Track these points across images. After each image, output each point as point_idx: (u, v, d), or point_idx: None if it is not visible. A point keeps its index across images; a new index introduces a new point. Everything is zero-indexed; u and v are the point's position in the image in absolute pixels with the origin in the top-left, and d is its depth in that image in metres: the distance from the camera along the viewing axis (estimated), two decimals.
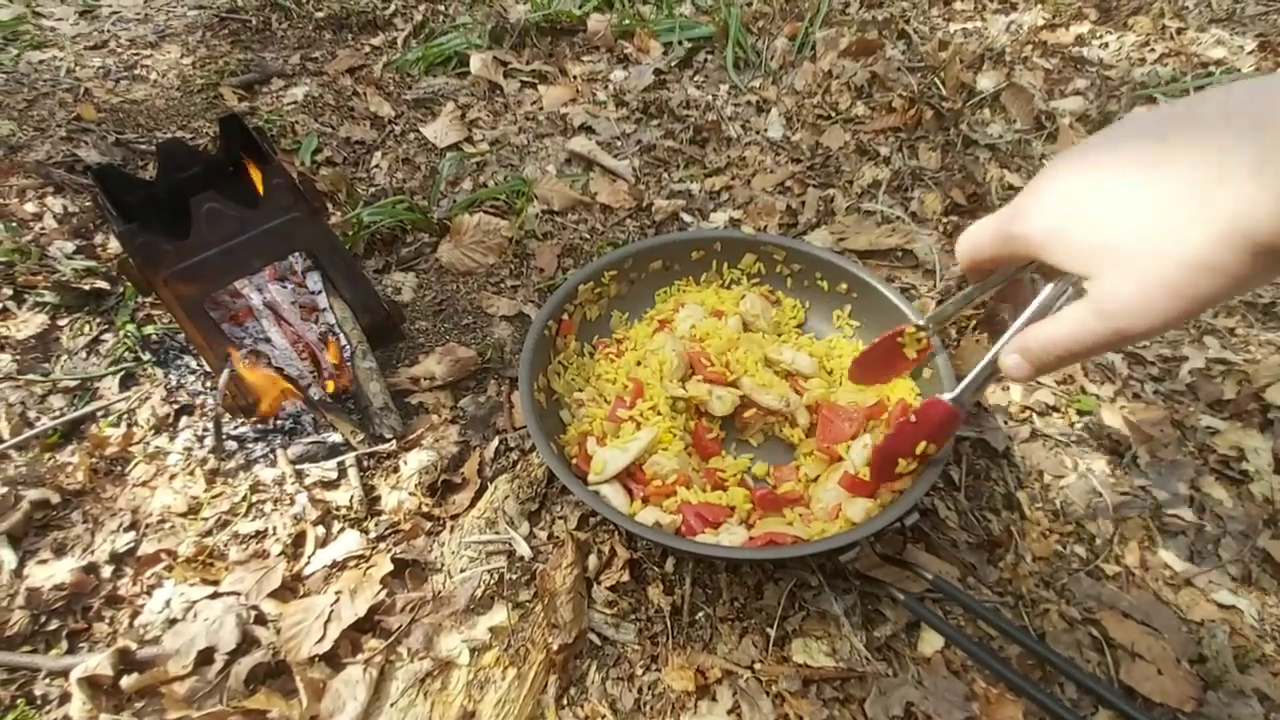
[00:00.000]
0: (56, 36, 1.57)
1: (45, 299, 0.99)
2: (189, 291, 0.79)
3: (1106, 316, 0.43)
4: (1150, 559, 0.75)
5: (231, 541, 0.77)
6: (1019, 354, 0.51)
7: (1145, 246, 0.41)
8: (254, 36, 1.60)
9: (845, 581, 0.73)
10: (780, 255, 0.92)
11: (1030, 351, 0.50)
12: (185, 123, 1.35)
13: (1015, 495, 0.80)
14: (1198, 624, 0.70)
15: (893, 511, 0.65)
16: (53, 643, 0.69)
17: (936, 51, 1.44)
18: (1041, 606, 0.71)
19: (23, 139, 1.25)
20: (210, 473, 0.83)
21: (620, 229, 1.15)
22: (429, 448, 0.84)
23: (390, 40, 1.58)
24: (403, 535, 0.77)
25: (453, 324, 1.01)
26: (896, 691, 0.65)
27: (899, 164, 1.22)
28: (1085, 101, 1.35)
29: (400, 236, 1.12)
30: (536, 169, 1.25)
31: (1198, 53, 1.45)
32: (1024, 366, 0.51)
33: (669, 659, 0.67)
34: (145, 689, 0.65)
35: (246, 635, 0.69)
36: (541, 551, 0.75)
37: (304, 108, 1.38)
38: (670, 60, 1.48)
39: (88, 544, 0.77)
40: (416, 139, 1.32)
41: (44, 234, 1.07)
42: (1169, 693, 0.64)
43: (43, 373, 0.92)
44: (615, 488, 0.73)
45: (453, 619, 0.70)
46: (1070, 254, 0.45)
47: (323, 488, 0.81)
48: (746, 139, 1.31)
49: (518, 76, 1.46)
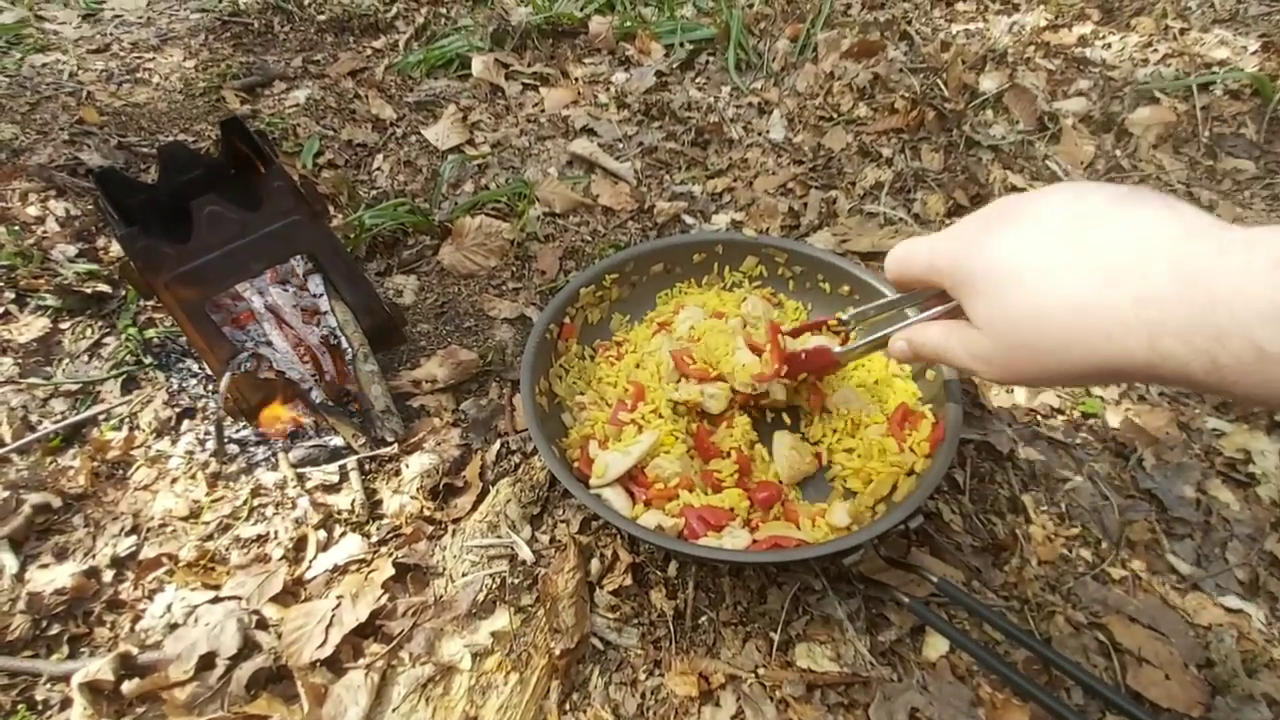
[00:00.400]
0: (59, 40, 1.57)
1: (47, 302, 0.99)
2: (190, 295, 0.79)
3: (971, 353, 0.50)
4: (1157, 563, 0.75)
5: (233, 545, 0.77)
6: (905, 342, 0.59)
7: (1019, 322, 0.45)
8: (256, 40, 1.60)
9: (849, 585, 0.72)
10: (782, 257, 0.91)
11: (917, 345, 0.58)
12: (187, 126, 1.35)
13: (1020, 498, 0.80)
14: (1205, 628, 0.69)
15: (896, 514, 0.65)
16: (54, 647, 0.69)
17: (939, 53, 1.44)
18: (1047, 610, 0.71)
19: (25, 142, 1.25)
20: (212, 476, 0.82)
21: (622, 231, 1.14)
22: (430, 451, 0.83)
23: (392, 43, 1.58)
24: (404, 539, 0.77)
25: (454, 326, 1.00)
26: (901, 696, 0.64)
27: (901, 165, 1.22)
28: (1088, 102, 1.35)
29: (402, 239, 1.12)
30: (538, 171, 1.24)
31: (1201, 53, 1.45)
32: (905, 352, 0.60)
33: (672, 664, 0.67)
34: (146, 694, 0.65)
35: (248, 640, 0.68)
36: (544, 555, 0.75)
37: (306, 110, 1.38)
38: (672, 62, 1.48)
39: (89, 548, 0.76)
40: (418, 141, 1.32)
41: (46, 237, 1.07)
42: (1176, 698, 0.64)
43: (44, 376, 0.92)
44: (617, 491, 0.72)
45: (455, 623, 0.70)
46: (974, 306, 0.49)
47: (324, 491, 0.81)
48: (748, 141, 1.31)
49: (519, 79, 1.46)
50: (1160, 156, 1.25)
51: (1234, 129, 1.29)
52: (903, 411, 0.77)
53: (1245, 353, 0.34)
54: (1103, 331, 0.40)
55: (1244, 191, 1.20)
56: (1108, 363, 0.40)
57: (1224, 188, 1.20)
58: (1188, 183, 1.21)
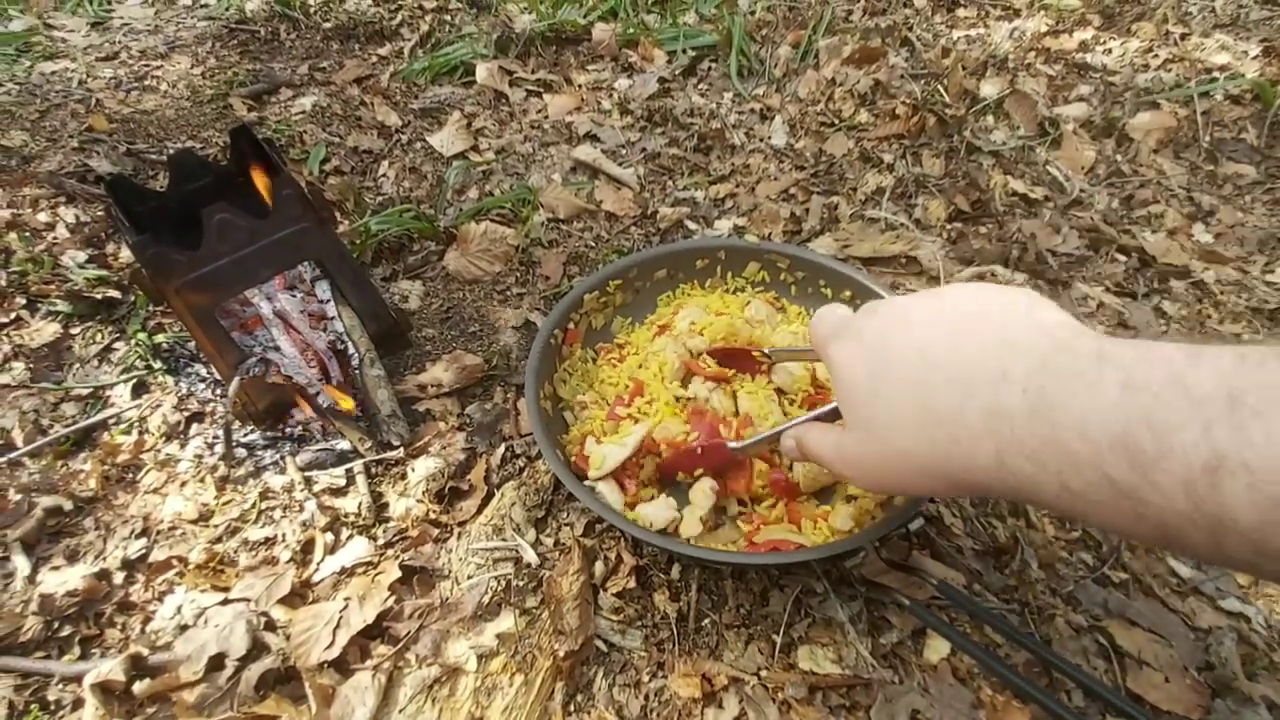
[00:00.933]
0: (68, 48, 1.59)
1: (58, 308, 1.00)
2: (200, 301, 0.80)
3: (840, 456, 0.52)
4: (1156, 566, 0.75)
5: (241, 548, 0.78)
6: (795, 440, 0.60)
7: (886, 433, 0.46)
8: (262, 47, 1.62)
9: (851, 588, 0.73)
10: (784, 263, 0.92)
11: (801, 444, 0.59)
12: (195, 133, 1.36)
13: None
14: (1205, 631, 0.70)
15: (897, 517, 0.66)
16: (65, 649, 0.70)
17: (939, 59, 1.45)
18: (1048, 613, 0.71)
19: (35, 149, 1.26)
20: (220, 480, 0.83)
21: (625, 236, 1.15)
22: (436, 455, 0.84)
23: (397, 50, 1.60)
24: (410, 542, 0.78)
25: (459, 331, 1.01)
26: (903, 699, 0.65)
27: (903, 171, 1.23)
28: (1089, 108, 1.35)
29: (407, 245, 1.13)
30: (542, 177, 1.26)
31: (1201, 58, 1.45)
32: (793, 451, 0.60)
33: (675, 666, 0.68)
34: (157, 695, 0.66)
35: (256, 641, 0.69)
36: (548, 558, 0.76)
37: (312, 117, 1.40)
38: (674, 68, 1.49)
39: (100, 550, 0.77)
40: (423, 148, 1.33)
41: (56, 243, 1.08)
42: (1176, 700, 0.64)
43: (55, 381, 0.93)
44: (611, 485, 0.73)
45: (460, 625, 0.71)
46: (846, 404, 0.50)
47: (331, 495, 0.82)
48: (750, 146, 1.32)
49: (523, 85, 1.48)
50: (1161, 161, 1.25)
51: (1235, 134, 1.30)
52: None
53: (1096, 481, 0.33)
54: (951, 437, 0.40)
55: (1245, 196, 1.20)
56: (963, 471, 0.40)
57: (1225, 192, 1.21)
58: (1188, 187, 1.21)
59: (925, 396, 0.42)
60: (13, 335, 0.97)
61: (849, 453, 0.50)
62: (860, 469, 0.49)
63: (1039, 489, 0.36)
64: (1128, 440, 0.31)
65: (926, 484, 0.45)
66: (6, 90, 1.41)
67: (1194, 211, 1.17)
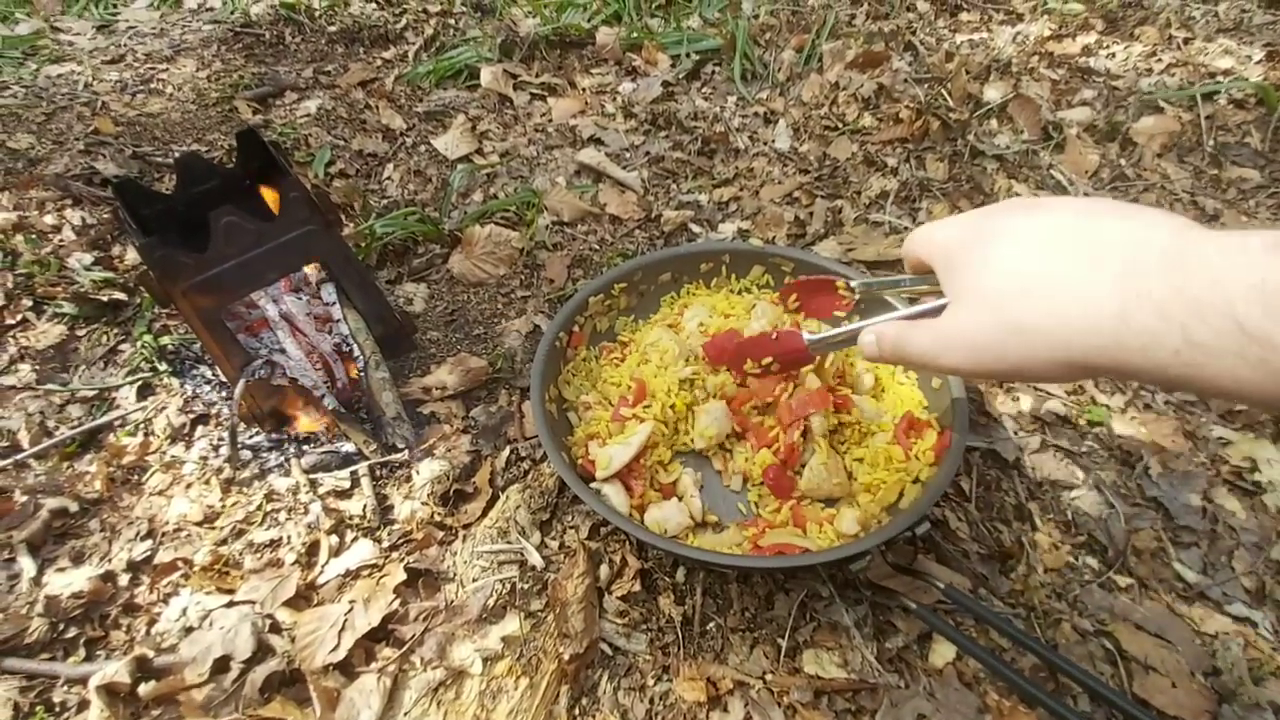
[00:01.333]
0: (74, 51, 1.60)
1: (64, 310, 1.00)
2: (207, 303, 0.80)
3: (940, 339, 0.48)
4: (1163, 571, 0.75)
5: (246, 550, 0.78)
6: (875, 336, 0.55)
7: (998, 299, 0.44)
8: (268, 50, 1.62)
9: (856, 592, 0.73)
10: (788, 266, 0.92)
11: (883, 338, 0.54)
12: (200, 136, 1.37)
13: (1026, 506, 0.80)
14: (1211, 636, 0.70)
15: (903, 521, 0.66)
16: (71, 650, 0.70)
17: (943, 63, 1.45)
18: (1054, 618, 0.71)
19: (42, 152, 1.27)
20: (225, 482, 0.83)
21: (629, 239, 1.16)
22: (441, 457, 0.84)
23: (401, 54, 1.60)
24: (415, 544, 0.78)
25: (464, 334, 1.02)
26: (908, 703, 0.64)
27: (906, 175, 1.23)
28: (1092, 112, 1.35)
29: (412, 248, 1.14)
30: (546, 180, 1.26)
31: (1205, 63, 1.46)
32: (873, 348, 0.56)
33: (680, 669, 0.68)
34: (162, 696, 0.66)
35: (261, 644, 0.69)
36: (553, 561, 0.76)
37: (317, 120, 1.40)
38: (678, 72, 1.50)
39: (105, 552, 0.77)
40: (428, 151, 1.34)
41: (63, 246, 1.09)
42: (1183, 706, 0.64)
43: (61, 383, 0.94)
44: (617, 487, 0.73)
45: (465, 628, 0.71)
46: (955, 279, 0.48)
47: (336, 497, 0.82)
48: (754, 150, 1.32)
49: (527, 89, 1.48)
50: (1165, 165, 1.25)
51: (1239, 138, 1.30)
52: (908, 420, 0.78)
53: (1223, 328, 0.33)
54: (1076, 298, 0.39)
55: (1249, 200, 1.20)
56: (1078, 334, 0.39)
57: (1229, 196, 1.21)
58: (1192, 191, 1.21)
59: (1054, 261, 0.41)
60: (19, 337, 0.97)
61: (950, 333, 0.47)
62: (965, 346, 0.46)
63: (1159, 346, 0.36)
64: (1265, 287, 0.32)
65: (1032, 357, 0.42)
66: (13, 93, 1.42)
67: (1198, 216, 1.17)
